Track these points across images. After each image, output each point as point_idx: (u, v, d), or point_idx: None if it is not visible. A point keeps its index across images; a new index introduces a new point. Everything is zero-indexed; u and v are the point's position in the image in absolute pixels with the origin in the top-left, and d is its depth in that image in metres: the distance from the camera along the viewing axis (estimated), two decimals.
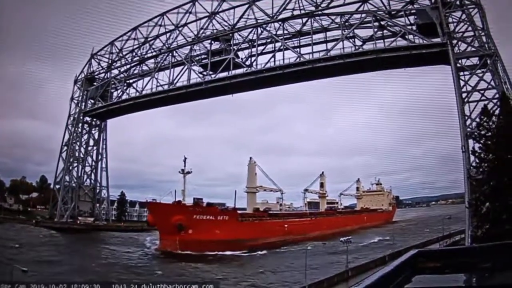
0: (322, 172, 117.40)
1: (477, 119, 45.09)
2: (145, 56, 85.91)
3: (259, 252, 63.48)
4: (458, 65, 54.99)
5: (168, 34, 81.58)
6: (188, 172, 69.11)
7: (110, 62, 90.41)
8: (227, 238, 64.20)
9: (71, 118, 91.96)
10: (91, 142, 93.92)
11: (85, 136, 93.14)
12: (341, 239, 43.94)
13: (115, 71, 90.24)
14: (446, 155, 63.04)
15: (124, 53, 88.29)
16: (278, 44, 71.34)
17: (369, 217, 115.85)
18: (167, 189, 67.59)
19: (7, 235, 63.91)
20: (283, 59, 68.82)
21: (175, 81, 78.48)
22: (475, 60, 54.90)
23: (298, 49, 70.65)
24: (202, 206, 69.69)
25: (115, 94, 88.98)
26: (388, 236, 67.35)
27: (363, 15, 65.47)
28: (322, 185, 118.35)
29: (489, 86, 52.58)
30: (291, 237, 74.50)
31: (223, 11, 75.36)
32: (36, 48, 76.13)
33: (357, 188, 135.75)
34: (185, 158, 69.19)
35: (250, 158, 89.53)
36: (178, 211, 65.66)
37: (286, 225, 79.95)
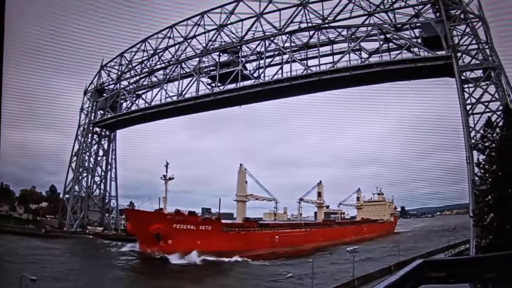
0: (320, 181, 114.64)
1: (481, 131, 46.06)
2: (154, 68, 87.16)
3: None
4: (463, 77, 55.71)
5: (177, 46, 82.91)
6: (170, 178, 67.28)
7: (119, 73, 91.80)
8: (209, 250, 60.54)
9: (81, 128, 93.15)
10: (101, 152, 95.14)
11: (95, 147, 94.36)
12: (348, 249, 44.65)
13: (125, 82, 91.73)
14: (451, 166, 63.49)
15: (133, 64, 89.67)
16: (285, 56, 72.47)
17: (369, 228, 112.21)
18: (176, 199, 66.61)
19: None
20: (291, 71, 69.76)
21: (183, 93, 79.78)
22: (479, 73, 55.72)
23: (305, 61, 71.69)
24: (183, 214, 65.80)
25: (124, 105, 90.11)
26: None
27: (369, 28, 66.52)
28: (319, 194, 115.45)
29: (493, 99, 53.31)
30: (282, 249, 70.23)
31: (231, 23, 76.52)
32: (47, 59, 77.11)
33: (358, 198, 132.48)
34: (167, 164, 67.51)
35: (241, 165, 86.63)
36: (156, 220, 62.75)
37: (276, 236, 75.30)
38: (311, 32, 71.75)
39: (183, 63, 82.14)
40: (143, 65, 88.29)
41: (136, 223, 64.38)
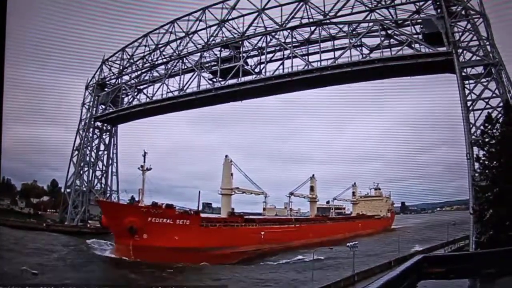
0: (313, 175, 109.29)
1: (482, 127, 46.41)
2: (156, 63, 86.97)
3: None
4: (463, 73, 55.83)
5: (178, 41, 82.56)
6: (148, 169, 63.81)
7: (121, 68, 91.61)
8: (187, 246, 58.12)
9: (82, 123, 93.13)
10: (102, 147, 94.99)
11: (96, 141, 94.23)
12: (348, 244, 44.83)
13: (126, 77, 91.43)
14: (451, 162, 63.53)
15: (135, 59, 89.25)
16: (286, 52, 72.31)
17: (364, 224, 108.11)
18: (180, 194, 66.15)
19: None
20: (292, 66, 69.86)
21: (185, 88, 79.74)
22: (479, 69, 55.86)
23: (306, 57, 71.71)
24: (159, 207, 62.07)
25: (125, 99, 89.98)
26: None
27: (370, 24, 66.33)
28: (312, 188, 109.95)
29: (494, 95, 53.45)
30: (268, 246, 68.85)
31: (233, 19, 76.16)
32: (49, 54, 77.09)
33: (353, 193, 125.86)
34: (145, 153, 64.09)
35: (226, 156, 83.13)
36: (130, 212, 59.91)
37: (262, 232, 71.76)
38: (312, 28, 71.56)
39: (184, 58, 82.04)
40: (145, 59, 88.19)
41: (110, 216, 62.35)
